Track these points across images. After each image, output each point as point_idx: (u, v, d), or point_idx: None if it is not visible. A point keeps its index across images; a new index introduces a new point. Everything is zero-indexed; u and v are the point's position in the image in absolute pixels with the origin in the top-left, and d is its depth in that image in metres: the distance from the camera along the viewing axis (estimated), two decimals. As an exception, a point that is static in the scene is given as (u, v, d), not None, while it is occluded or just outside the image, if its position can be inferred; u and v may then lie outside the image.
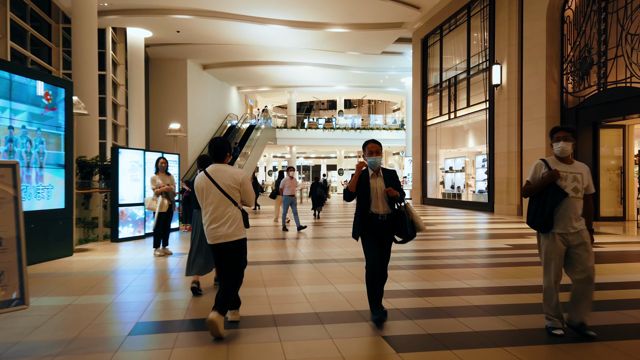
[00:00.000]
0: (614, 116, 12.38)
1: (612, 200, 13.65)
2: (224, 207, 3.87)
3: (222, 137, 4.57)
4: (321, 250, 8.27)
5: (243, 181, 3.95)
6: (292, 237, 10.22)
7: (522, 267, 6.45)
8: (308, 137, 36.30)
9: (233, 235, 3.87)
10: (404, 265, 6.66)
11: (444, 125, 22.54)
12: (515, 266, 6.50)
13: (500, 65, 16.50)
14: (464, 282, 5.52)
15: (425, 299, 4.84)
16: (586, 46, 13.24)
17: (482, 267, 6.46)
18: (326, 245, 8.90)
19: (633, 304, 4.67)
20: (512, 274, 5.96)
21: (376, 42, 24.02)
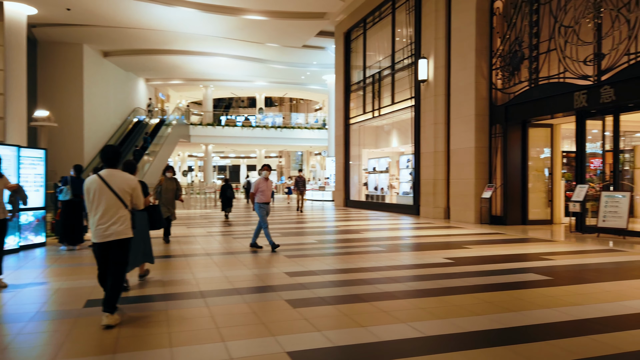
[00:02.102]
0: (545, 114, 11.68)
1: (540, 203, 13.05)
2: (115, 208, 4.23)
3: (117, 145, 4.06)
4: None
5: (136, 186, 4.41)
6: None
7: (481, 293, 5.04)
8: (225, 135, 33.90)
9: (123, 234, 4.25)
10: (323, 296, 5.00)
11: (368, 124, 21.43)
12: (470, 292, 5.08)
13: (426, 59, 15.52)
14: (410, 327, 3.97)
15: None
16: (517, 39, 12.49)
17: (428, 297, 4.97)
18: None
19: None
20: (472, 307, 4.51)
21: (297, 33, 22.41)
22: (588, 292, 5.05)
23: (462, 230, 11.60)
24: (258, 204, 8.51)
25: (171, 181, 9.59)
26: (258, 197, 8.52)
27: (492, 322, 4.01)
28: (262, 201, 8.51)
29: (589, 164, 16.43)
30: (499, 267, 6.56)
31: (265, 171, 8.69)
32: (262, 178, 8.64)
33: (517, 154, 12.88)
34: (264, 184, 8.57)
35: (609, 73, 9.84)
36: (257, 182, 8.60)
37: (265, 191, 8.56)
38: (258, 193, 8.53)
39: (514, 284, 5.48)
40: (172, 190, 9.53)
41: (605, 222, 9.84)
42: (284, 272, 6.28)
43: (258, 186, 8.54)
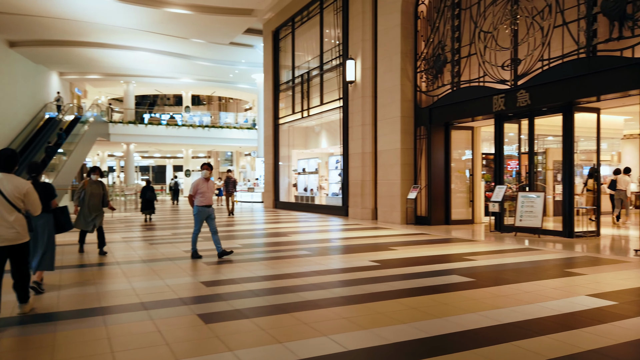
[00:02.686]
0: (466, 117, 12.01)
1: (463, 203, 13.43)
2: (8, 213, 4.24)
3: (12, 149, 4.49)
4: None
5: (27, 192, 4.40)
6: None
7: (406, 299, 4.88)
8: (148, 134, 32.21)
9: (19, 239, 4.32)
10: (241, 309, 4.62)
11: (297, 124, 21.19)
12: (395, 298, 4.91)
13: (354, 60, 15.53)
14: (332, 340, 3.69)
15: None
16: (440, 43, 12.76)
17: (353, 304, 4.74)
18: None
19: None
20: (397, 314, 4.32)
21: (223, 29, 21.71)
22: (509, 293, 5.06)
23: (388, 231, 11.63)
24: (198, 207, 7.64)
25: (97, 185, 8.29)
26: (198, 199, 7.64)
27: (417, 331, 3.83)
28: (203, 204, 7.65)
29: (506, 165, 17.29)
30: (424, 269, 6.50)
31: (205, 170, 7.85)
32: (202, 178, 7.77)
33: (440, 156, 13.17)
34: (204, 185, 7.69)
35: (525, 78, 10.25)
36: (196, 182, 7.71)
37: (206, 193, 7.68)
38: (198, 195, 7.64)
39: (438, 287, 5.40)
40: (99, 196, 8.22)
41: (522, 221, 10.24)
42: (201, 281, 5.81)
43: (197, 187, 7.65)
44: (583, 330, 3.80)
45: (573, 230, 9.70)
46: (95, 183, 8.31)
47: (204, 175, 7.84)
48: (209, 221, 7.76)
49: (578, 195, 10.10)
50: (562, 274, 6.06)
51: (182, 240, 9.84)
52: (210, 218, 7.74)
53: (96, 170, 8.50)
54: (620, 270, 6.27)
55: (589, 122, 10.03)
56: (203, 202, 7.66)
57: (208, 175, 7.85)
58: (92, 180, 8.33)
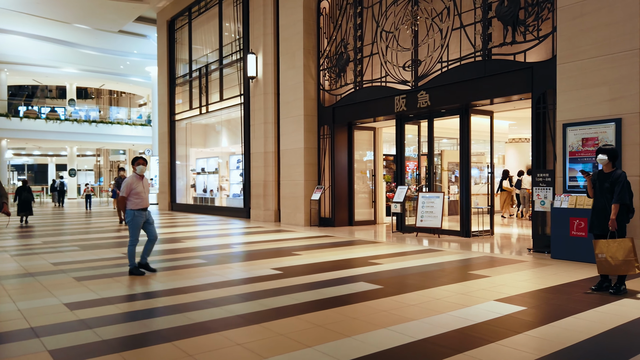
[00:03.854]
0: (369, 117, 11.91)
1: (365, 204, 13.37)
2: None
3: None
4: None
5: None
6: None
7: (311, 314, 4.35)
8: (24, 128, 28.59)
9: None
10: (108, 339, 3.78)
11: (195, 121, 19.96)
12: (299, 313, 4.36)
13: (255, 55, 14.83)
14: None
15: None
16: (342, 41, 12.54)
17: (250, 325, 4.11)
18: None
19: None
20: (301, 335, 3.76)
21: (110, 15, 19.78)
22: (418, 301, 4.76)
23: (292, 234, 11.14)
24: (133, 211, 6.30)
25: None
26: (132, 202, 6.30)
27: (324, 357, 3.31)
28: (139, 207, 6.31)
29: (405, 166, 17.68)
30: (329, 276, 6.06)
31: (141, 165, 6.47)
32: (135, 175, 6.43)
33: (344, 156, 12.98)
34: (139, 184, 6.36)
35: (425, 79, 10.33)
36: (128, 181, 6.34)
37: (141, 193, 6.36)
38: (132, 196, 6.30)
39: (345, 297, 4.96)
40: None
41: (422, 222, 10.30)
42: (65, 302, 4.80)
43: (131, 186, 6.30)
44: (500, 343, 3.54)
45: (470, 230, 9.94)
46: None
47: (139, 172, 6.46)
48: (147, 227, 6.49)
49: (474, 195, 10.39)
50: (466, 277, 5.96)
51: (52, 250, 8.47)
52: (148, 222, 6.49)
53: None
54: (520, 271, 6.34)
55: (481, 125, 10.36)
56: (139, 204, 6.34)
57: (143, 170, 6.51)
58: None
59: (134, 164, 6.54)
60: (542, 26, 8.27)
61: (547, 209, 7.73)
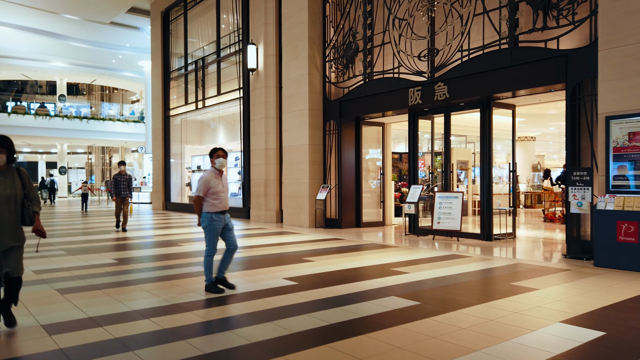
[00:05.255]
0: (380, 111, 11.10)
1: (373, 204, 12.59)
2: None
3: None
4: None
5: None
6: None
7: (345, 342, 3.55)
8: (12, 124, 27.56)
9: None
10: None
11: (192, 117, 19.10)
12: (330, 341, 3.56)
13: (256, 46, 14.00)
14: None
15: None
16: (351, 30, 11.74)
17: (275, 359, 3.31)
18: None
19: None
20: None
21: (101, 5, 18.86)
22: (470, 323, 3.98)
23: (297, 236, 10.33)
24: (210, 214, 5.12)
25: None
26: (210, 203, 5.12)
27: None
28: (217, 209, 5.13)
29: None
30: (352, 288, 5.26)
31: (220, 158, 5.24)
32: (213, 171, 5.23)
33: (351, 153, 12.19)
34: (217, 182, 5.16)
35: (443, 70, 9.55)
36: (206, 178, 5.15)
37: (220, 192, 5.16)
38: (209, 196, 5.12)
39: (380, 317, 4.17)
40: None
41: (440, 224, 9.53)
42: (43, 324, 3.96)
43: (209, 184, 5.11)
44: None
45: (492, 233, 9.19)
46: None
47: (218, 166, 5.23)
48: (226, 234, 5.29)
49: (495, 195, 9.64)
50: (510, 290, 5.19)
51: (36, 255, 7.60)
52: (227, 228, 5.30)
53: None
54: (568, 282, 5.58)
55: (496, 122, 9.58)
56: (218, 206, 5.15)
57: (224, 165, 5.29)
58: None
59: (212, 157, 5.29)
60: (577, 9, 7.52)
61: (586, 210, 6.99)
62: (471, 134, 16.78)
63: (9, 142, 3.87)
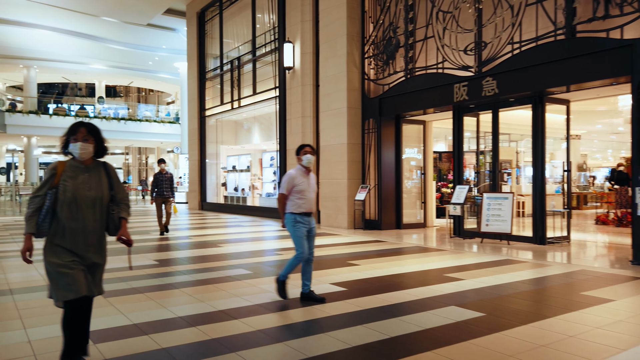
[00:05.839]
0: (422, 108, 10.68)
1: (414, 205, 12.16)
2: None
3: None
4: None
5: None
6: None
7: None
8: (54, 126, 28.25)
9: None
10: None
11: (227, 117, 19.06)
12: (397, 358, 3.25)
13: (292, 44, 13.77)
14: None
15: None
16: (391, 25, 11.35)
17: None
18: None
19: None
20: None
21: (140, 7, 19.05)
22: (550, 339, 3.58)
23: (336, 238, 10.03)
24: (294, 215, 4.73)
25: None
26: (293, 202, 4.73)
27: None
28: (301, 210, 4.73)
29: (452, 163, 16.38)
30: (406, 296, 4.92)
31: (308, 155, 4.81)
32: (300, 168, 4.84)
33: (391, 152, 11.80)
34: (303, 179, 4.76)
35: (492, 64, 9.06)
36: (291, 174, 4.78)
37: (305, 192, 4.74)
38: (293, 195, 4.74)
39: (443, 330, 3.82)
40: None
41: (488, 226, 9.04)
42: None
43: (293, 182, 4.73)
44: None
45: (545, 236, 8.64)
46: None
47: (305, 163, 4.82)
48: (307, 238, 4.81)
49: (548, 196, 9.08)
50: (583, 300, 4.73)
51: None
52: (309, 235, 4.82)
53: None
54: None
55: (529, 119, 8.97)
56: (302, 206, 4.73)
57: (311, 162, 4.84)
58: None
59: (299, 153, 4.88)
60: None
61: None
62: (514, 132, 16.13)
63: (97, 130, 3.06)
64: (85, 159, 2.99)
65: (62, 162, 2.98)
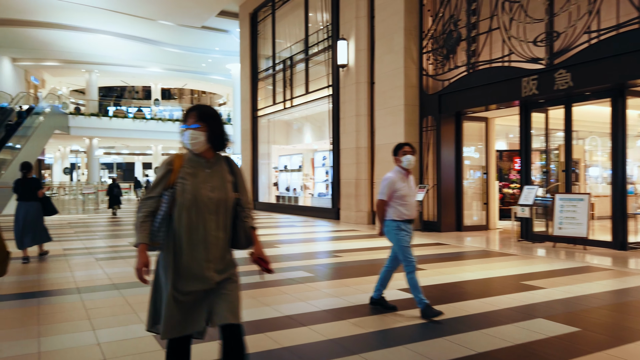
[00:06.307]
0: (486, 104, 10.12)
1: (475, 206, 11.60)
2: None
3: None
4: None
5: None
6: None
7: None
8: (114, 127, 29.52)
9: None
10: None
11: (278, 117, 19.05)
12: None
13: (346, 41, 13.51)
14: None
15: None
16: (452, 18, 10.86)
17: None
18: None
19: None
20: None
21: (195, 9, 19.38)
22: None
23: (395, 240, 9.66)
24: (396, 222, 4.27)
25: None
26: (395, 209, 4.27)
27: None
28: (403, 217, 4.26)
29: (513, 163, 15.58)
30: (486, 306, 4.54)
31: (408, 155, 4.33)
32: (399, 170, 4.35)
33: (450, 151, 11.29)
34: (403, 183, 4.29)
35: (565, 55, 8.42)
36: (391, 177, 4.30)
37: (407, 197, 4.28)
38: (394, 201, 4.27)
39: (536, 346, 3.44)
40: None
41: (562, 229, 8.41)
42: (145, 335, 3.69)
43: (394, 186, 4.26)
44: None
45: (626, 241, 7.93)
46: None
47: (405, 165, 4.32)
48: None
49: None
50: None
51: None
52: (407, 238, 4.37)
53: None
54: None
55: (596, 115, 8.26)
56: (404, 214, 4.27)
57: (412, 163, 4.36)
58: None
59: (398, 154, 4.36)
60: None
61: None
62: (582, 129, 15.14)
63: (212, 115, 2.46)
64: (200, 151, 2.40)
65: (179, 154, 2.43)
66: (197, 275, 2.29)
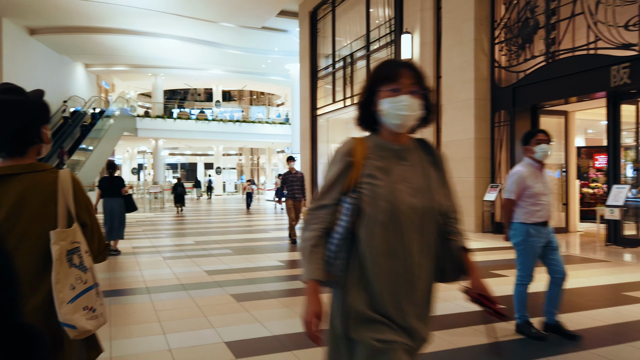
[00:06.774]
0: (563, 96, 9.34)
1: (554, 207, 10.74)
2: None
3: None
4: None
5: None
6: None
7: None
8: (177, 128, 30.53)
9: None
10: None
11: (337, 115, 18.79)
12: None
13: (411, 34, 13.00)
14: None
15: None
16: (528, 5, 10.11)
17: None
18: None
19: None
20: None
21: (256, 10, 19.49)
22: None
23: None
24: (525, 226, 3.63)
25: None
26: (525, 209, 3.64)
27: None
28: (535, 219, 3.63)
29: (593, 160, 14.44)
30: (588, 321, 4.01)
31: (543, 144, 3.67)
32: (531, 164, 3.71)
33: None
34: (536, 181, 3.66)
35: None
36: (521, 173, 3.66)
37: (540, 195, 3.63)
38: (523, 200, 3.66)
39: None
40: None
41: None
42: (227, 341, 3.47)
43: (523, 183, 3.63)
44: None
45: None
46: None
47: (539, 156, 3.69)
48: (549, 254, 3.68)
49: None
50: None
51: (205, 254, 7.60)
52: (551, 247, 3.68)
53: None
54: None
55: None
56: (536, 215, 3.63)
57: (547, 154, 3.71)
58: None
59: (529, 143, 3.71)
60: None
61: None
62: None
63: (425, 78, 1.64)
64: (405, 130, 1.60)
65: (360, 139, 1.61)
66: (395, 320, 1.51)
